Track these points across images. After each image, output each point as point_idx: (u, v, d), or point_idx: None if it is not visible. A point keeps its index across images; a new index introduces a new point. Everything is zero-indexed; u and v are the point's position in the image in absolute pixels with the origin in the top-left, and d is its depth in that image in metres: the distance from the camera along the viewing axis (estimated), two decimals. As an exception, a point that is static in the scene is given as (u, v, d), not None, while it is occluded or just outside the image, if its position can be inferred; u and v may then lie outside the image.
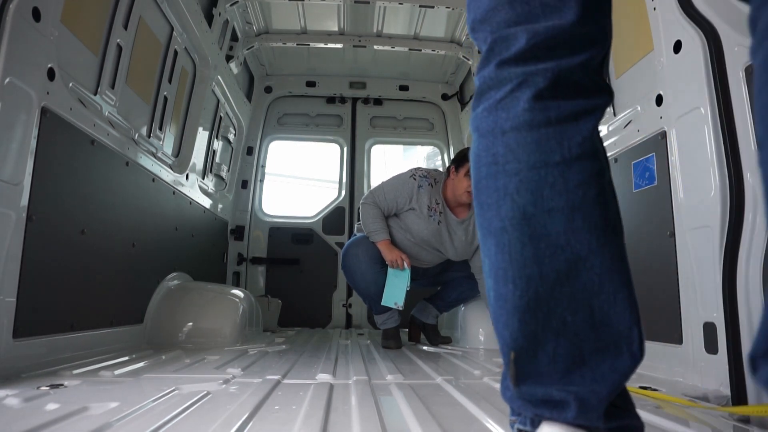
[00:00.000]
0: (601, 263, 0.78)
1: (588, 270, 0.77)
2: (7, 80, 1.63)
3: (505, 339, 0.80)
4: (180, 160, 3.41)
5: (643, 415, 1.32)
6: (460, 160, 3.07)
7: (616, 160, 2.36)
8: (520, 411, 0.82)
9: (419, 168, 3.14)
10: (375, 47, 4.58)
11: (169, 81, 3.11)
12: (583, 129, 0.80)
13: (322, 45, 4.57)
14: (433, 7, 4.02)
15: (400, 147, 12.40)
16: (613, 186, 0.83)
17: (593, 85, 0.83)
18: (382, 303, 2.99)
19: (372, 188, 3.24)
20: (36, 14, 1.75)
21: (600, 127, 2.81)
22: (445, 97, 5.28)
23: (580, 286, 0.77)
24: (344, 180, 5.15)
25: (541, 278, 0.77)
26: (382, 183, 3.15)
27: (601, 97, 0.84)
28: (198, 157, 3.72)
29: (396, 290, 2.97)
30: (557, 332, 0.77)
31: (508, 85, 0.81)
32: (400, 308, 3.00)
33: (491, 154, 0.82)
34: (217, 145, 4.25)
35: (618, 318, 0.78)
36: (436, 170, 3.19)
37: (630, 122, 2.31)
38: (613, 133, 2.46)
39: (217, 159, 4.30)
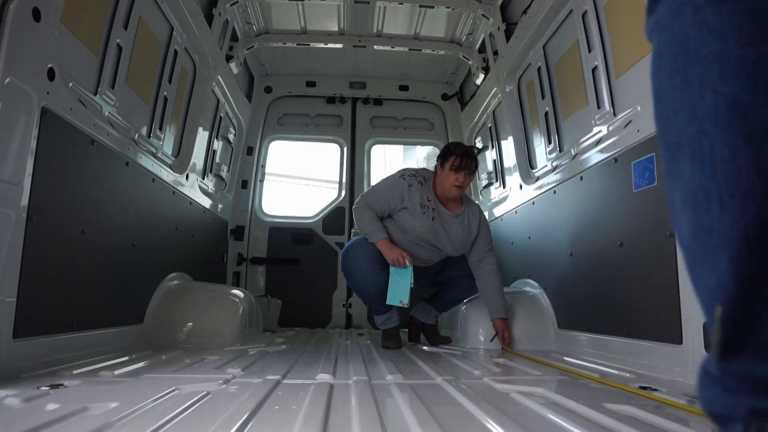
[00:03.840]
0: None
1: None
2: (7, 80, 1.63)
3: (710, 288, 0.59)
4: (180, 160, 3.41)
5: (643, 415, 1.32)
6: (444, 155, 3.11)
7: (615, 160, 2.36)
8: (728, 412, 0.58)
9: (407, 168, 3.18)
10: (375, 47, 4.59)
11: (169, 81, 3.11)
12: None
13: (322, 45, 4.57)
14: (433, 7, 4.02)
15: (400, 147, 12.42)
16: None
17: None
18: (387, 302, 2.99)
19: (362, 193, 3.26)
20: (36, 14, 1.75)
21: (600, 127, 2.80)
22: (445, 97, 5.29)
23: None
24: (344, 180, 5.16)
25: (766, 193, 0.56)
26: (373, 186, 3.17)
27: None
28: (198, 157, 3.72)
29: (400, 288, 2.97)
30: None
31: None
32: (406, 305, 3.00)
33: (678, 43, 0.62)
34: (217, 145, 4.25)
35: None
36: (424, 169, 3.23)
37: (630, 122, 2.31)
38: (613, 133, 2.46)
39: (217, 159, 4.30)
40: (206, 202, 3.96)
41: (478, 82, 4.47)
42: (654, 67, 0.67)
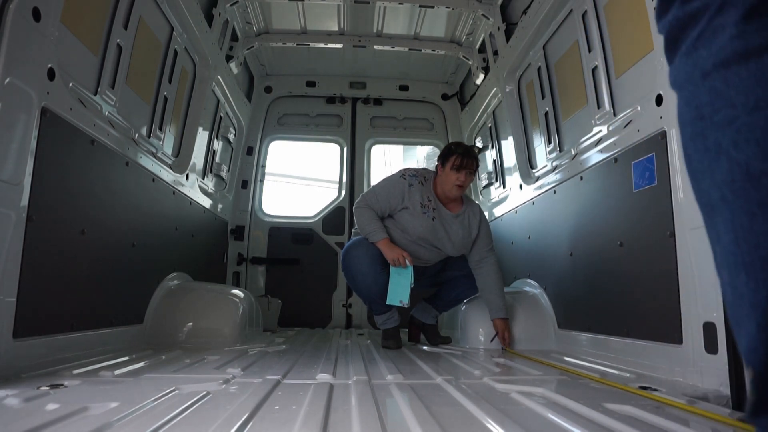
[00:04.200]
0: None
1: None
2: (7, 80, 1.63)
3: (743, 349, 0.61)
4: (180, 160, 3.41)
5: (643, 415, 1.32)
6: (445, 155, 3.12)
7: (616, 160, 2.36)
8: None
9: (408, 168, 3.19)
10: (375, 47, 4.59)
11: (169, 81, 3.11)
12: None
13: (322, 45, 4.57)
14: (433, 7, 4.02)
15: (400, 147, 12.43)
16: None
17: None
18: (387, 302, 2.99)
19: (363, 192, 3.27)
20: (36, 14, 1.75)
21: (600, 127, 2.79)
22: (445, 97, 5.29)
23: None
24: (344, 180, 5.16)
25: None
26: (373, 186, 3.18)
27: None
28: (198, 157, 3.72)
29: (400, 288, 2.97)
30: None
31: (706, 15, 0.63)
32: (406, 305, 3.00)
33: (693, 108, 0.64)
34: (217, 145, 4.25)
35: None
36: (424, 169, 3.24)
37: (630, 122, 2.31)
38: (613, 133, 2.46)
39: (217, 159, 4.30)
40: (206, 202, 3.96)
41: (478, 82, 4.47)
42: (679, 123, 0.69)
